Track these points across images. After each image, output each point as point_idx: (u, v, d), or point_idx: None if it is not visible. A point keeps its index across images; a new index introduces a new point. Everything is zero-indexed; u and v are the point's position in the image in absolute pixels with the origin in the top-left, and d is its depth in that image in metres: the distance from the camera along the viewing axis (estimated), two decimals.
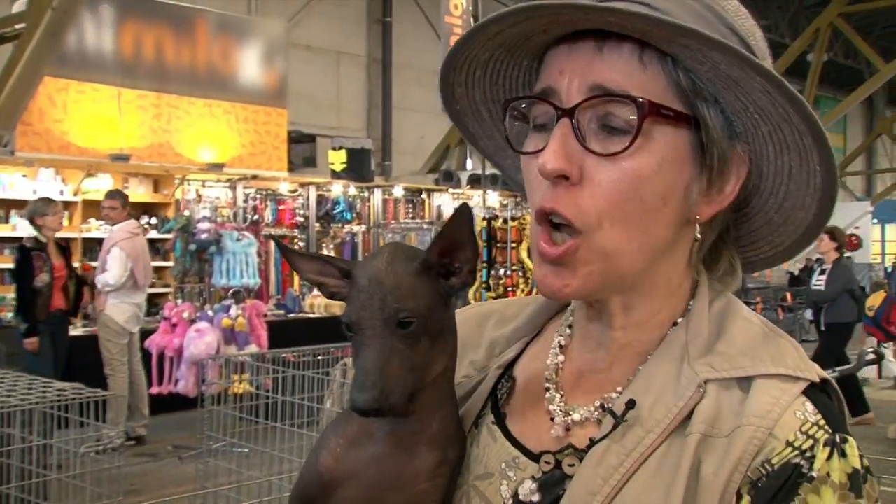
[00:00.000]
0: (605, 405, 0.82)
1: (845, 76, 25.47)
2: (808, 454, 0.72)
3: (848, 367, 4.11)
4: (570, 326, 0.91)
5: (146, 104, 10.06)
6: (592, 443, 0.79)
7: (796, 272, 21.66)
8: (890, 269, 21.34)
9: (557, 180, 0.76)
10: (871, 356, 4.20)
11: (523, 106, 0.84)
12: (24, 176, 9.09)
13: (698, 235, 0.83)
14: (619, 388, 0.82)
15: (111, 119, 9.69)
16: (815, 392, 0.77)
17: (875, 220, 25.09)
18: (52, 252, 6.51)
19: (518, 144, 0.83)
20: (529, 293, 7.07)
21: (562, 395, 0.85)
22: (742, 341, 0.80)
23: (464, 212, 0.79)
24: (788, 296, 15.44)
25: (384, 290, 0.76)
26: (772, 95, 0.74)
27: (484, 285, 7.81)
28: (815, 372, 0.77)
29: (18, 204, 8.85)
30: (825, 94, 25.54)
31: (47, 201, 6.75)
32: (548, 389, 0.86)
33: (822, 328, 8.11)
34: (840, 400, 0.79)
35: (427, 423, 0.81)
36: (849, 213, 24.19)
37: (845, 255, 9.22)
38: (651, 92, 0.75)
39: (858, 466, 0.73)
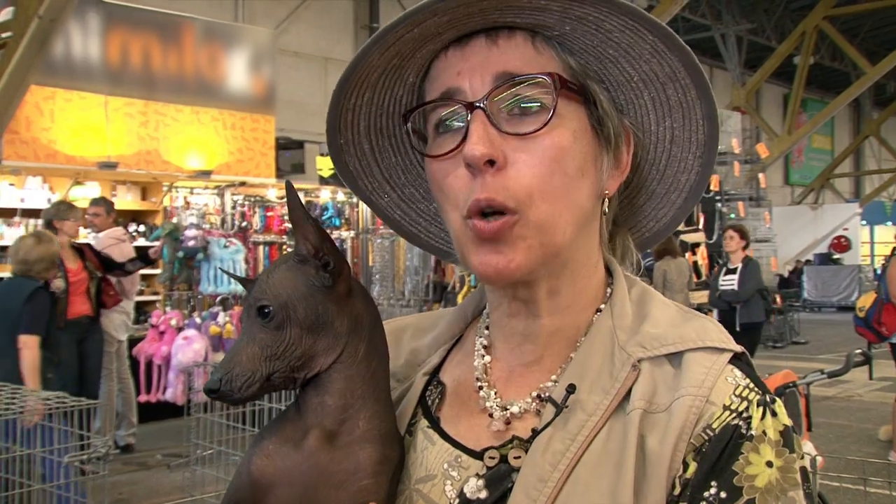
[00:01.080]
0: (543, 395, 0.84)
1: (832, 79, 25.63)
2: (744, 415, 0.76)
3: (837, 368, 4.13)
4: (487, 328, 0.93)
5: (133, 112, 10.03)
6: (535, 433, 0.80)
7: (786, 274, 21.78)
8: (879, 271, 21.49)
9: (485, 168, 0.78)
10: (860, 358, 4.22)
11: (421, 115, 0.86)
12: (12, 185, 9.04)
13: (605, 209, 0.87)
14: (554, 377, 0.84)
15: (98, 127, 9.66)
16: (737, 362, 0.80)
17: (864, 222, 25.24)
18: (67, 256, 6.15)
19: (422, 159, 0.86)
20: None
21: (496, 392, 0.87)
22: (665, 322, 0.83)
23: (288, 188, 0.80)
24: (778, 298, 15.47)
25: (254, 284, 0.79)
26: (660, 55, 0.80)
27: (473, 290, 7.81)
28: (735, 345, 0.81)
29: (6, 213, 8.80)
30: (812, 96, 25.68)
31: (69, 206, 6.47)
32: (481, 388, 0.87)
33: (737, 329, 7.81)
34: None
35: (353, 421, 0.81)
36: (838, 216, 24.33)
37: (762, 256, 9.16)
38: (551, 70, 0.80)
39: (788, 423, 0.78)
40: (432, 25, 0.79)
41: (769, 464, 0.74)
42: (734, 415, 0.75)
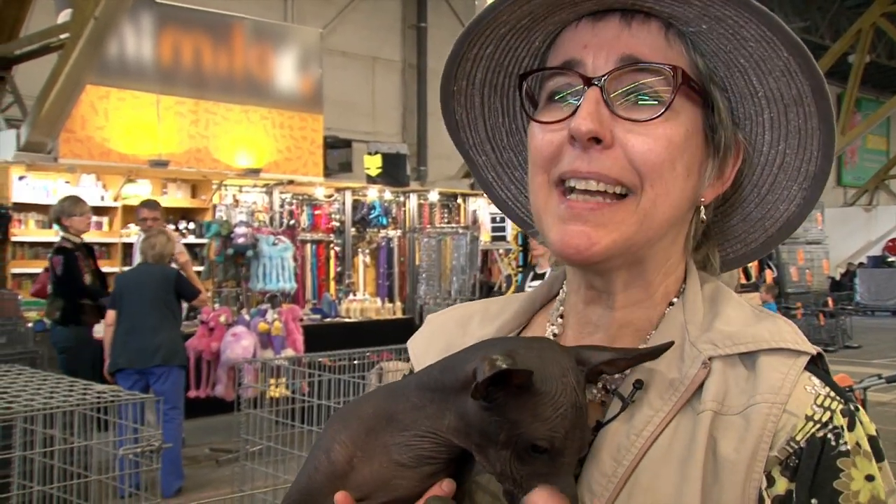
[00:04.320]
0: (609, 387, 0.82)
1: (888, 78, 24.99)
2: (829, 426, 0.74)
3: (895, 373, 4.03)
4: (560, 316, 0.92)
5: (184, 110, 10.19)
6: (600, 425, 0.79)
7: (837, 277, 21.33)
8: None
9: (588, 144, 0.77)
10: None
11: (539, 79, 0.84)
12: (67, 182, 9.25)
13: (703, 217, 0.85)
14: None
15: (150, 125, 9.83)
16: (813, 366, 0.78)
17: None
18: (82, 253, 6.37)
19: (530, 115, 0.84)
20: None
21: None
22: (738, 320, 0.81)
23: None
24: (830, 301, 15.15)
25: (584, 419, 0.72)
26: (791, 75, 0.77)
27: (519, 290, 7.78)
28: (811, 346, 0.79)
29: None
30: (867, 95, 25.07)
31: (75, 200, 6.48)
32: None
33: None
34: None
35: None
36: (893, 217, 23.73)
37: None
38: (678, 64, 0.78)
39: (873, 432, 0.76)
40: None
41: (869, 477, 0.73)
42: (819, 426, 0.74)
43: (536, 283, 6.69)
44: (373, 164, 11.74)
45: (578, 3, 0.79)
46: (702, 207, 0.85)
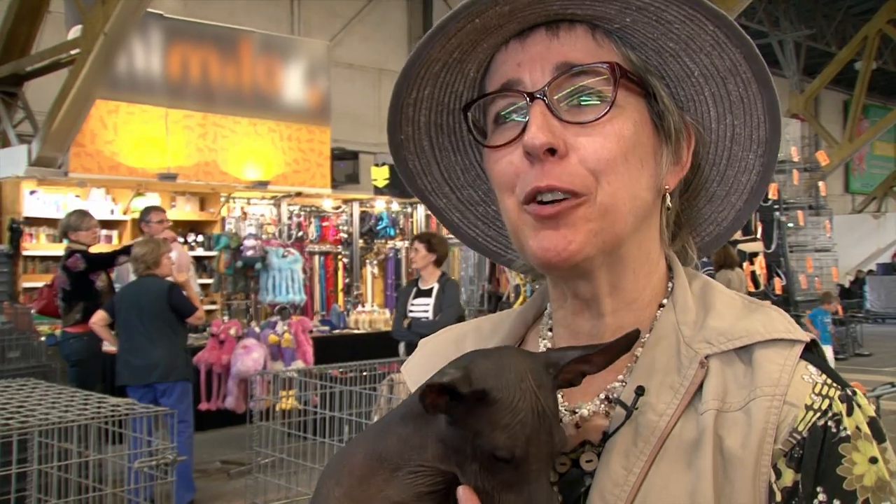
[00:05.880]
0: (611, 396, 0.83)
1: (895, 84, 24.96)
2: (829, 413, 0.75)
3: None
4: (550, 330, 0.92)
5: (192, 124, 10.24)
6: (606, 436, 0.79)
7: (847, 284, 21.24)
8: None
9: (545, 156, 0.78)
10: None
11: (481, 107, 0.86)
12: (77, 196, 9.30)
13: (669, 204, 0.86)
14: (621, 377, 0.84)
15: (159, 139, 9.89)
16: (809, 355, 0.79)
17: None
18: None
19: (481, 149, 0.86)
20: None
21: (562, 396, 0.86)
22: (730, 314, 0.82)
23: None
24: (840, 308, 15.09)
25: (550, 423, 0.71)
26: (721, 47, 0.79)
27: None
28: (804, 333, 0.80)
29: None
30: (874, 102, 25.03)
31: (81, 215, 6.56)
32: None
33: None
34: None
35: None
36: None
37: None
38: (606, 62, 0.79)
39: (872, 413, 0.77)
40: (493, 16, 0.79)
41: (873, 460, 0.74)
42: (819, 414, 0.75)
43: (420, 300, 5.90)
44: (380, 176, 11.77)
45: (503, 26, 0.81)
46: (667, 195, 0.86)
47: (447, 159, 0.94)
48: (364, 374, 5.07)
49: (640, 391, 0.78)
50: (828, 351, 10.67)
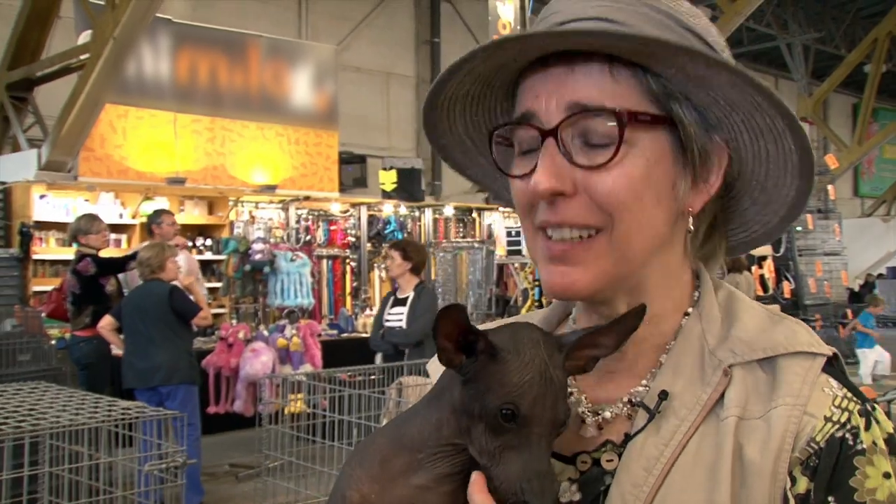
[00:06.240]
0: (634, 399, 0.84)
1: None
2: (848, 426, 0.76)
3: None
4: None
5: (201, 128, 10.28)
6: (628, 437, 0.81)
7: (856, 288, 21.15)
8: None
9: (552, 198, 0.80)
10: None
11: (506, 132, 0.87)
12: (87, 200, 9.33)
13: (691, 227, 0.86)
14: (645, 382, 0.85)
15: (168, 143, 9.93)
16: (830, 368, 0.81)
17: None
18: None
19: (506, 168, 0.87)
20: None
21: (586, 397, 0.88)
22: (754, 325, 0.83)
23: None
24: (849, 312, 15.02)
25: (556, 392, 0.75)
26: (739, 87, 0.78)
27: (536, 304, 7.78)
28: (826, 347, 0.81)
29: None
30: (884, 105, 24.92)
31: (90, 219, 6.63)
32: (571, 393, 0.87)
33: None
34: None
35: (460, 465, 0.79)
36: None
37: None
38: (626, 100, 0.79)
39: (890, 430, 0.78)
40: (500, 56, 0.82)
41: (887, 475, 0.75)
42: (837, 426, 0.76)
43: (396, 308, 5.80)
44: (388, 180, 11.79)
45: (518, 59, 0.83)
46: (690, 217, 0.85)
47: (488, 157, 0.96)
48: (372, 377, 5.07)
49: (663, 395, 0.80)
50: (873, 353, 10.59)
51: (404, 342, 5.66)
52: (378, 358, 5.88)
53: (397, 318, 5.77)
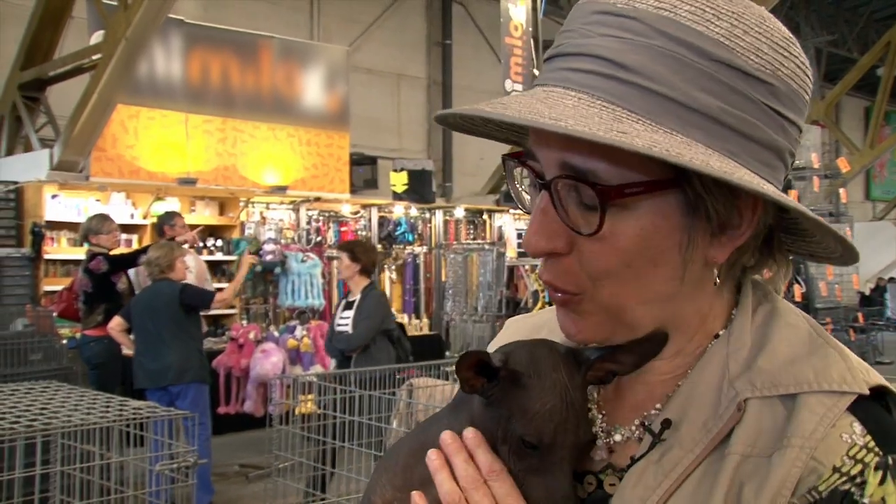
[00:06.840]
0: (646, 423, 0.80)
1: None
2: (857, 480, 0.69)
3: None
4: None
5: (212, 129, 10.30)
6: (633, 461, 0.78)
7: (867, 292, 21.04)
8: None
9: (546, 255, 0.77)
10: None
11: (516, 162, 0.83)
12: (98, 200, 9.36)
13: (717, 280, 0.79)
14: (659, 406, 0.80)
15: (179, 144, 9.95)
16: (866, 406, 0.72)
17: None
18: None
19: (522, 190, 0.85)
20: None
21: (603, 415, 0.84)
22: (785, 354, 0.76)
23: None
24: (860, 316, 14.94)
25: (577, 415, 0.75)
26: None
27: (547, 306, 7.75)
28: (865, 382, 0.73)
29: None
30: None
31: (101, 219, 6.66)
32: (590, 409, 0.84)
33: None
34: None
35: None
36: None
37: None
38: (624, 161, 0.70)
39: None
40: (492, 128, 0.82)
41: None
42: (845, 479, 0.69)
43: (346, 312, 5.60)
44: (398, 181, 11.78)
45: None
46: (715, 269, 0.78)
47: None
48: (383, 378, 5.06)
49: (665, 424, 0.76)
50: None
51: (348, 348, 5.44)
52: (331, 364, 5.75)
53: (345, 322, 5.56)
